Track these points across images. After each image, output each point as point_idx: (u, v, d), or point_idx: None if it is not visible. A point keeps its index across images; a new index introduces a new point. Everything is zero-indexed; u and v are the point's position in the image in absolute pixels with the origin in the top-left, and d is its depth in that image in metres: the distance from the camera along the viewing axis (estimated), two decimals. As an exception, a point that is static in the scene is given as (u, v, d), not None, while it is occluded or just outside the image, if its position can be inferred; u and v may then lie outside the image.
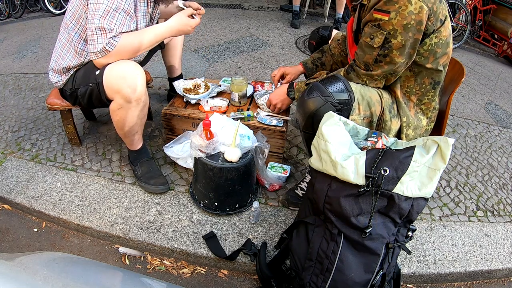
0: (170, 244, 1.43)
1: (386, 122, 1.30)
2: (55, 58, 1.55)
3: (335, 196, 1.03)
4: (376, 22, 1.15)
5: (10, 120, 2.18)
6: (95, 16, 1.28)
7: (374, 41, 1.17)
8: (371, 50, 1.19)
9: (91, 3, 1.29)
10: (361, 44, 1.23)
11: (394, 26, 1.12)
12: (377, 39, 1.16)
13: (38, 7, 4.64)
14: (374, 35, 1.16)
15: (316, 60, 1.72)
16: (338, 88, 1.21)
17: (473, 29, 4.46)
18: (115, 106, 1.42)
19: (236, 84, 1.75)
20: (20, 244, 1.52)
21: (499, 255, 1.51)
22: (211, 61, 2.95)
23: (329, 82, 1.23)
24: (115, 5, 1.29)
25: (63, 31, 1.50)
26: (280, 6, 4.51)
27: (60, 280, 0.65)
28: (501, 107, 2.82)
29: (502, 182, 1.96)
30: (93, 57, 1.34)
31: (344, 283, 1.07)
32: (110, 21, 1.29)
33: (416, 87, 1.30)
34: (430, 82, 1.28)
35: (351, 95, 1.21)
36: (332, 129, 1.05)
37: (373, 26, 1.17)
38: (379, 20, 1.14)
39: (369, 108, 1.27)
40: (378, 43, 1.16)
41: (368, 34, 1.19)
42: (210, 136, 1.42)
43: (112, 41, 1.31)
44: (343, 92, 1.20)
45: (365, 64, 1.23)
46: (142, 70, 1.38)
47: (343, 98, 1.20)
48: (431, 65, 1.24)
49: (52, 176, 1.73)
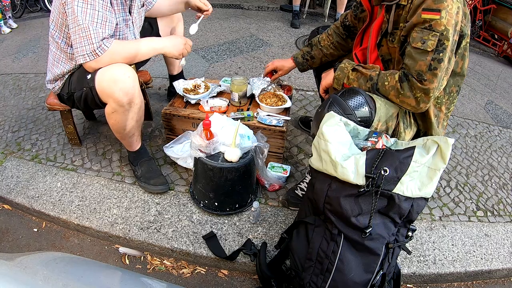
0: (170, 244, 1.43)
1: (400, 133, 1.25)
2: (50, 69, 1.55)
3: (335, 196, 1.03)
4: (426, 24, 1.07)
5: (10, 120, 2.18)
6: (76, 19, 1.27)
7: (427, 45, 1.07)
8: (424, 56, 1.08)
9: (68, 8, 1.28)
10: (409, 53, 1.12)
11: (446, 26, 1.04)
12: (430, 42, 1.07)
13: (38, 7, 4.63)
14: (426, 38, 1.07)
15: (305, 54, 1.69)
16: (359, 102, 1.13)
17: (473, 29, 4.46)
18: (109, 110, 1.41)
19: (236, 84, 1.75)
20: (20, 244, 1.52)
21: (499, 255, 1.51)
22: (211, 61, 2.95)
23: (349, 96, 1.14)
24: (91, 5, 1.28)
25: (52, 41, 1.50)
26: (280, 6, 4.51)
27: (60, 280, 0.65)
28: (501, 107, 2.82)
29: (502, 182, 1.96)
30: (81, 60, 1.33)
31: (344, 283, 1.07)
32: (92, 20, 1.28)
33: (445, 97, 1.26)
34: (456, 90, 1.25)
35: (372, 111, 1.14)
36: (333, 129, 1.05)
37: (423, 29, 1.07)
38: (430, 20, 1.05)
39: (386, 123, 1.21)
40: (432, 46, 1.07)
41: (418, 39, 1.08)
42: (210, 136, 1.42)
43: (103, 46, 1.31)
44: (364, 107, 1.13)
45: (418, 74, 1.10)
46: (134, 72, 1.36)
47: (365, 115, 1.13)
48: (460, 70, 1.20)
49: (52, 176, 1.73)
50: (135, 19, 1.57)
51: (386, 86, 1.17)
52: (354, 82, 1.25)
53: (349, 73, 1.27)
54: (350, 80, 1.26)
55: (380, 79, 1.19)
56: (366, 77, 1.22)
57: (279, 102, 1.77)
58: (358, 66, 1.26)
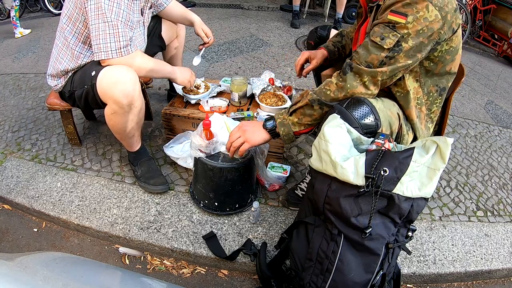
0: (170, 244, 1.43)
1: (403, 136, 1.25)
2: (52, 63, 1.54)
3: (335, 196, 1.03)
4: (390, 24, 1.09)
5: (10, 120, 2.18)
6: (104, 16, 1.27)
7: (385, 42, 1.09)
8: (379, 51, 1.11)
9: (91, 4, 1.28)
10: (366, 44, 1.15)
11: (409, 30, 1.07)
12: (389, 40, 1.09)
13: (38, 7, 4.64)
14: (386, 35, 1.10)
15: (336, 43, 1.63)
16: (364, 112, 1.11)
17: (473, 29, 4.46)
18: (109, 111, 1.40)
19: (236, 84, 1.75)
20: (20, 244, 1.52)
21: (499, 255, 1.51)
22: (211, 61, 2.95)
23: (355, 107, 1.12)
24: (117, 3, 1.30)
25: (59, 35, 1.49)
26: (280, 6, 4.51)
27: (60, 280, 0.65)
28: (501, 107, 2.82)
29: (502, 182, 1.96)
30: (102, 56, 1.33)
31: (344, 283, 1.07)
32: (117, 19, 1.30)
33: (424, 97, 1.26)
34: (436, 89, 1.25)
35: (378, 122, 1.12)
36: (334, 130, 1.05)
37: (386, 26, 1.10)
38: (395, 22, 1.08)
39: (390, 127, 1.19)
40: (389, 45, 1.09)
41: (378, 34, 1.11)
42: (210, 136, 1.42)
43: (129, 48, 1.34)
44: (369, 116, 1.11)
45: (368, 65, 1.14)
46: (135, 75, 1.36)
47: (371, 126, 1.11)
48: (438, 71, 1.20)
49: (52, 176, 1.73)
50: (146, 20, 1.60)
51: (330, 94, 1.15)
52: (304, 119, 1.19)
53: (289, 120, 1.21)
54: (297, 124, 1.20)
55: (320, 94, 1.16)
56: (308, 105, 1.17)
57: (279, 102, 1.77)
58: (291, 108, 1.22)
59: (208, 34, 1.85)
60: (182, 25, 1.98)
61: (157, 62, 1.52)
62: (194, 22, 1.82)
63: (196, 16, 1.84)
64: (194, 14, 1.84)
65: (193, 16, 1.83)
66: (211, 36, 1.87)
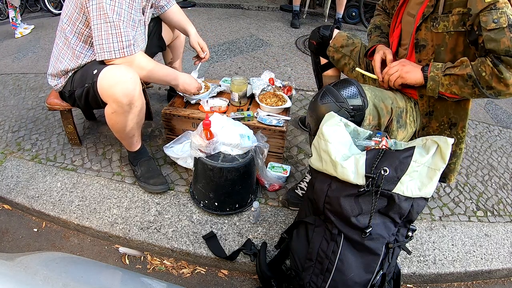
0: (170, 244, 1.43)
1: (392, 132, 1.27)
2: (52, 63, 1.54)
3: (335, 196, 1.03)
4: (489, 7, 1.09)
5: (10, 120, 2.18)
6: (106, 16, 1.28)
7: (501, 22, 1.09)
8: (502, 33, 1.08)
9: (93, 4, 1.27)
10: (488, 37, 1.11)
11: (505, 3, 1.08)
12: (502, 18, 1.08)
13: (38, 7, 4.64)
14: (496, 17, 1.09)
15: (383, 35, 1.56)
16: (352, 93, 1.17)
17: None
18: (109, 111, 1.40)
19: (236, 84, 1.75)
20: (20, 244, 1.52)
21: (499, 255, 1.51)
22: (211, 61, 2.95)
23: (342, 86, 1.18)
24: (118, 3, 1.30)
25: (60, 35, 1.49)
26: (280, 6, 4.51)
27: (60, 280, 0.65)
28: (501, 107, 2.82)
29: (502, 182, 1.96)
30: (105, 56, 1.34)
31: (344, 283, 1.07)
32: (119, 19, 1.30)
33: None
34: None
35: (364, 100, 1.17)
36: (333, 129, 1.05)
37: (488, 12, 1.09)
38: (493, 2, 1.08)
39: (379, 118, 1.23)
40: (505, 22, 1.08)
41: (490, 21, 1.09)
42: (210, 136, 1.42)
43: (132, 48, 1.35)
44: (357, 97, 1.17)
45: (506, 51, 1.09)
46: (136, 74, 1.36)
47: (357, 104, 1.16)
48: None
49: (52, 176, 1.73)
50: (147, 19, 1.60)
51: (485, 77, 1.13)
52: (453, 87, 1.19)
53: (441, 79, 1.21)
54: (446, 86, 1.20)
55: (477, 74, 1.15)
56: (463, 77, 1.17)
57: (279, 102, 1.77)
58: (447, 70, 1.21)
59: (204, 49, 1.82)
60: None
61: (160, 66, 1.53)
62: (189, 34, 1.80)
63: (193, 27, 1.81)
64: (191, 25, 1.81)
65: (190, 27, 1.80)
66: (206, 51, 1.83)
